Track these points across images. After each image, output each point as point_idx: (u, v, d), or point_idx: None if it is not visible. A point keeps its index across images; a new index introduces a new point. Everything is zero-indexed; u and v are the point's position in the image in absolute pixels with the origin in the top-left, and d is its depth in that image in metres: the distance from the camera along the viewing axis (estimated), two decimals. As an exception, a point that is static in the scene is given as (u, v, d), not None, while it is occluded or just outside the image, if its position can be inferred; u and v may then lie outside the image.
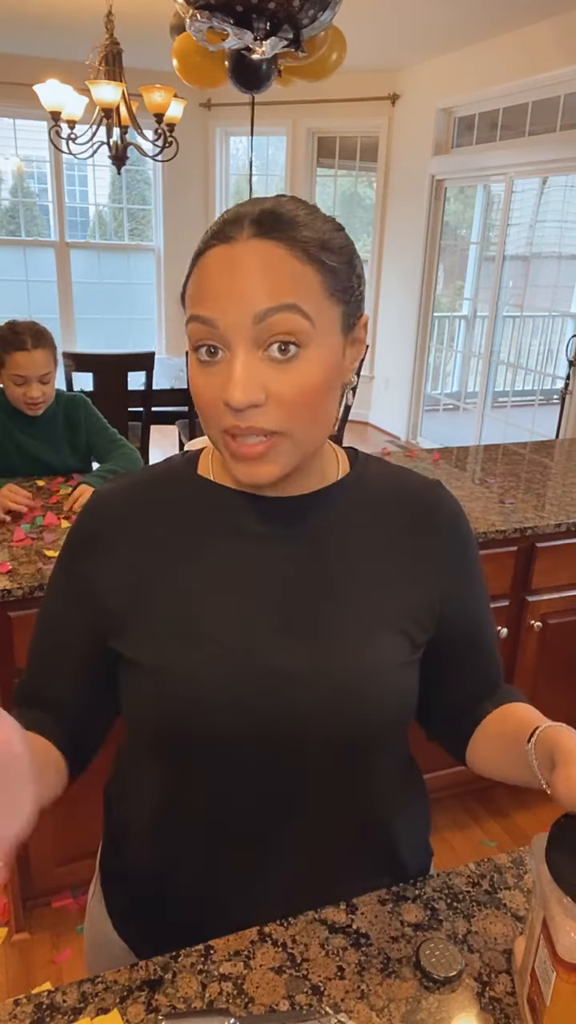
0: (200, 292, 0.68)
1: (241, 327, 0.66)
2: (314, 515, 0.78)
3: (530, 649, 2.10)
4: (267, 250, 0.66)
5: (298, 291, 0.66)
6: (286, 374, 0.67)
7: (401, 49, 5.26)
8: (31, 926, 1.83)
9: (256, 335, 0.66)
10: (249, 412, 0.67)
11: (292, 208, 0.69)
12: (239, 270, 0.66)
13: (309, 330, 0.67)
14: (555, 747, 0.66)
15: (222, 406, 0.68)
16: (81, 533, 0.80)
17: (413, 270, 5.95)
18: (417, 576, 0.80)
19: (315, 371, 0.68)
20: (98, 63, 3.44)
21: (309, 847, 0.79)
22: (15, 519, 1.89)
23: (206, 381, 0.69)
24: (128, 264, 6.80)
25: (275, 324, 0.65)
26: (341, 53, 2.95)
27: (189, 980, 0.71)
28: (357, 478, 0.82)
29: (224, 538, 0.77)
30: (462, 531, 0.84)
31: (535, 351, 6.43)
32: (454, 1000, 0.70)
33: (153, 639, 0.74)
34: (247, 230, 0.67)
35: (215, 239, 0.68)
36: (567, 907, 0.58)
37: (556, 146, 4.56)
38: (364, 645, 0.75)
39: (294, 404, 0.68)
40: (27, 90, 3.69)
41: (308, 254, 0.67)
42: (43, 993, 0.70)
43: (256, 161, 5.80)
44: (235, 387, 0.65)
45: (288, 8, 2.40)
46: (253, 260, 0.66)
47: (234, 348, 0.67)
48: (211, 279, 0.67)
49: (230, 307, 0.66)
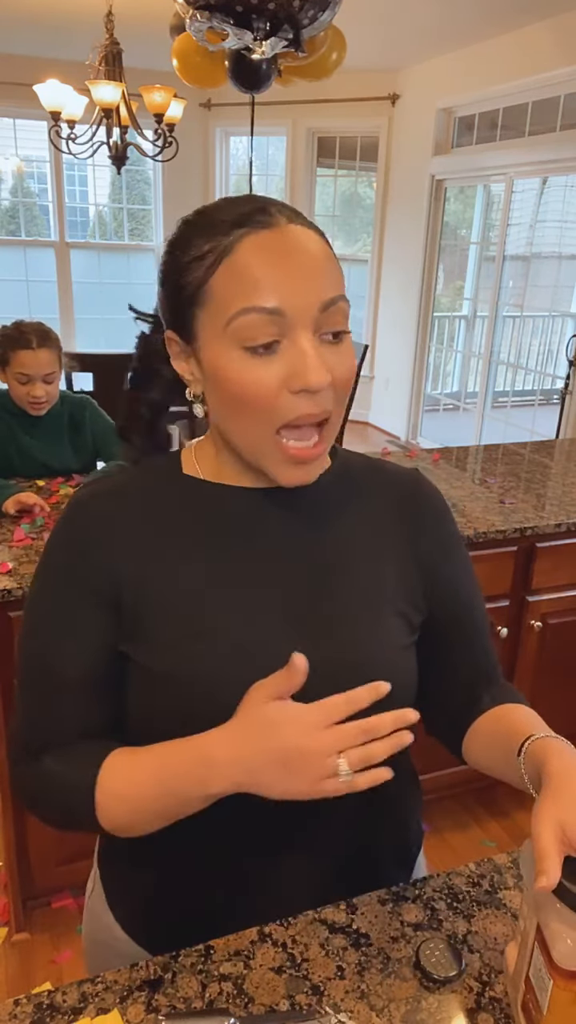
0: (250, 282, 0.66)
1: (307, 314, 0.67)
2: (306, 506, 0.79)
3: (530, 649, 2.10)
4: (308, 236, 0.69)
5: (341, 278, 0.70)
6: (340, 357, 0.70)
7: (401, 49, 5.26)
8: (31, 926, 1.83)
9: (318, 322, 0.67)
10: (319, 395, 0.68)
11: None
12: (298, 255, 0.67)
13: (348, 317, 0.71)
14: (542, 767, 0.66)
15: (285, 398, 0.67)
16: (67, 538, 0.76)
17: (413, 270, 5.95)
18: (406, 557, 0.81)
19: (353, 354, 0.71)
20: (98, 63, 3.44)
21: (318, 840, 0.79)
22: (23, 515, 1.89)
23: (264, 374, 0.67)
24: (128, 264, 6.80)
25: (335, 312, 0.68)
26: (341, 53, 2.94)
27: (189, 980, 0.71)
28: (341, 469, 0.84)
29: (221, 535, 0.77)
30: (444, 515, 0.87)
31: (535, 351, 6.42)
32: (454, 1000, 0.70)
33: (161, 641, 0.73)
34: (279, 215, 0.68)
35: (244, 226, 0.67)
36: (562, 914, 0.57)
37: (556, 146, 4.56)
38: (368, 633, 0.76)
39: (345, 386, 0.71)
40: (27, 90, 3.68)
41: (325, 239, 0.71)
42: (43, 993, 0.70)
43: (256, 161, 5.80)
44: (313, 371, 0.66)
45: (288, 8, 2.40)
46: (303, 245, 0.67)
47: (297, 336, 0.67)
48: (263, 268, 0.66)
49: (297, 293, 0.66)
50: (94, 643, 0.74)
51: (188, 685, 0.71)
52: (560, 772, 0.65)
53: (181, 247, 0.71)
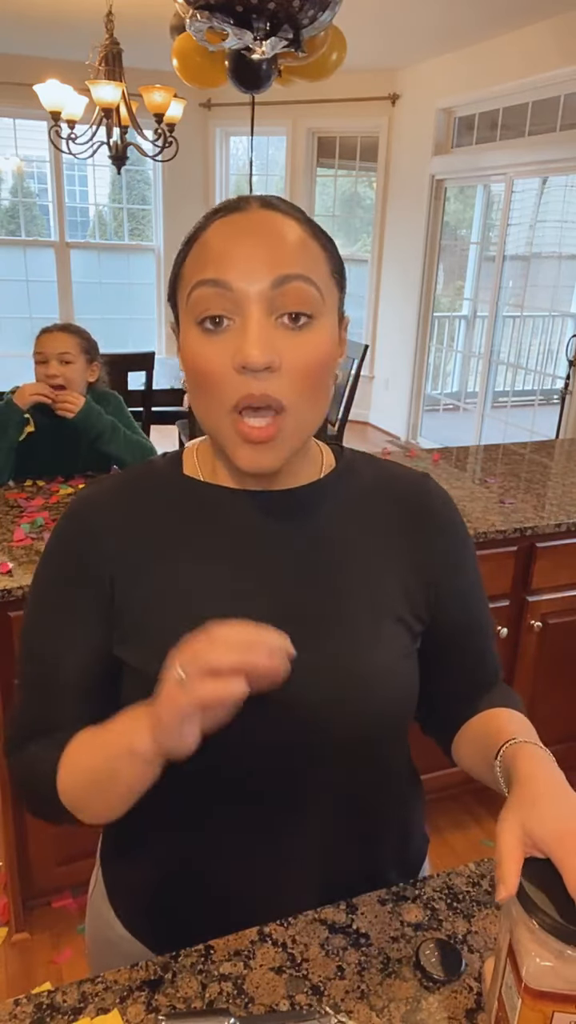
0: (207, 257, 0.66)
1: (257, 290, 0.65)
2: (306, 509, 0.78)
3: (530, 649, 2.10)
4: (279, 219, 0.67)
5: (310, 262, 0.67)
6: (298, 343, 0.66)
7: (401, 49, 5.26)
8: (31, 926, 1.83)
9: (271, 300, 0.65)
10: (265, 376, 0.65)
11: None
12: (254, 233, 0.66)
13: (320, 303, 0.67)
14: (512, 771, 0.66)
15: (232, 376, 0.66)
16: (65, 540, 0.76)
17: (413, 270, 5.95)
18: (411, 567, 0.79)
19: (323, 343, 0.68)
20: (98, 63, 3.44)
21: (317, 843, 0.79)
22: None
23: (213, 351, 0.66)
24: (128, 264, 6.80)
25: (291, 292, 0.65)
26: (341, 53, 2.94)
27: (189, 980, 0.71)
28: (346, 472, 0.82)
29: (219, 537, 0.76)
30: (454, 522, 0.84)
31: (535, 351, 6.42)
32: (454, 1000, 0.70)
33: (157, 643, 0.72)
34: (255, 202, 0.68)
35: (218, 214, 0.68)
36: (534, 932, 0.56)
37: (556, 146, 4.56)
38: (367, 637, 0.75)
39: (305, 375, 0.67)
40: (27, 90, 3.68)
41: (313, 229, 0.69)
42: (43, 993, 0.70)
43: (256, 161, 5.80)
44: (252, 346, 0.64)
45: (288, 8, 2.40)
46: (268, 225, 0.66)
47: (246, 312, 0.65)
48: (222, 243, 0.66)
49: (247, 269, 0.65)
50: (87, 647, 0.75)
51: None
52: (526, 775, 0.64)
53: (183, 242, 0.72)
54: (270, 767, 0.74)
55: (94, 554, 0.75)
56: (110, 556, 0.75)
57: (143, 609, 0.74)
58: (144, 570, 0.74)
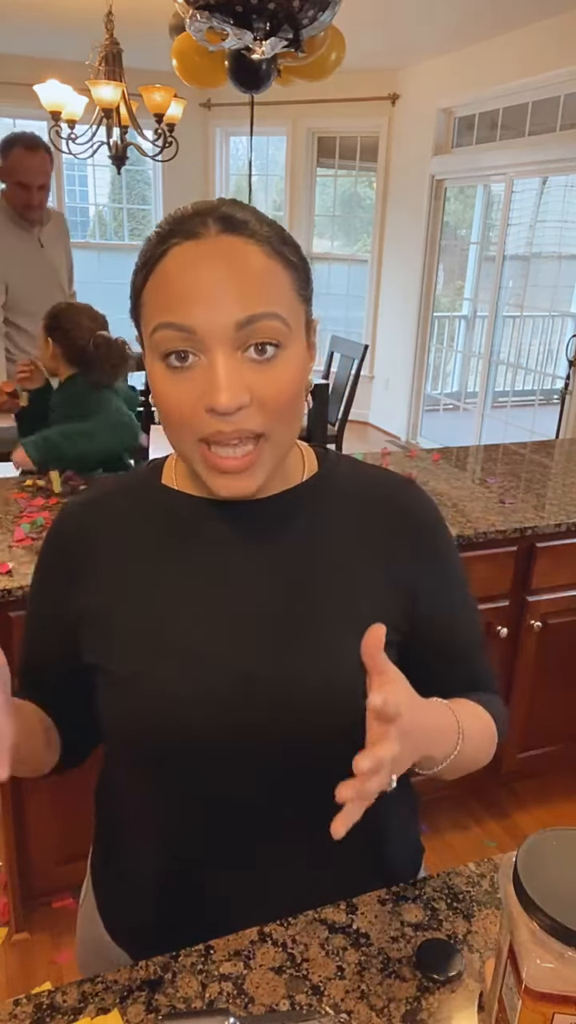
0: (168, 294, 0.65)
1: (222, 333, 0.63)
2: (282, 517, 0.77)
3: (530, 649, 2.10)
4: (237, 247, 0.64)
5: (276, 293, 0.65)
6: (266, 375, 0.66)
7: (401, 49, 5.26)
8: (31, 926, 1.83)
9: (236, 339, 0.64)
10: (236, 415, 0.65)
11: (242, 206, 0.68)
12: (216, 267, 0.63)
13: (286, 332, 0.66)
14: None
15: (201, 414, 0.65)
16: (52, 543, 0.80)
17: (413, 270, 5.95)
18: (390, 576, 0.78)
19: (292, 369, 0.67)
20: (98, 63, 3.43)
21: (296, 850, 0.78)
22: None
23: (180, 389, 0.65)
24: (128, 264, 6.61)
25: (257, 330, 0.64)
26: (341, 53, 2.94)
27: (189, 980, 0.71)
28: (325, 477, 0.80)
29: (193, 546, 0.76)
30: (437, 531, 0.82)
31: (535, 351, 6.42)
32: (454, 1000, 0.70)
33: (126, 649, 0.73)
34: (214, 226, 0.65)
35: (176, 236, 0.65)
36: (535, 933, 0.55)
37: (556, 146, 4.56)
38: (337, 647, 0.73)
39: (277, 404, 0.66)
40: (27, 90, 3.68)
41: (273, 248, 0.66)
42: (43, 993, 0.70)
43: (256, 161, 5.80)
44: (221, 391, 0.63)
45: (288, 8, 2.40)
46: (226, 260, 0.64)
47: (212, 352, 0.64)
48: (182, 280, 0.64)
49: (209, 313, 0.63)
50: (63, 653, 0.78)
51: (149, 697, 0.72)
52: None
53: (140, 252, 0.70)
54: (240, 779, 0.74)
55: (69, 565, 0.78)
56: (84, 567, 0.77)
57: (113, 619, 0.75)
58: (116, 580, 0.75)
